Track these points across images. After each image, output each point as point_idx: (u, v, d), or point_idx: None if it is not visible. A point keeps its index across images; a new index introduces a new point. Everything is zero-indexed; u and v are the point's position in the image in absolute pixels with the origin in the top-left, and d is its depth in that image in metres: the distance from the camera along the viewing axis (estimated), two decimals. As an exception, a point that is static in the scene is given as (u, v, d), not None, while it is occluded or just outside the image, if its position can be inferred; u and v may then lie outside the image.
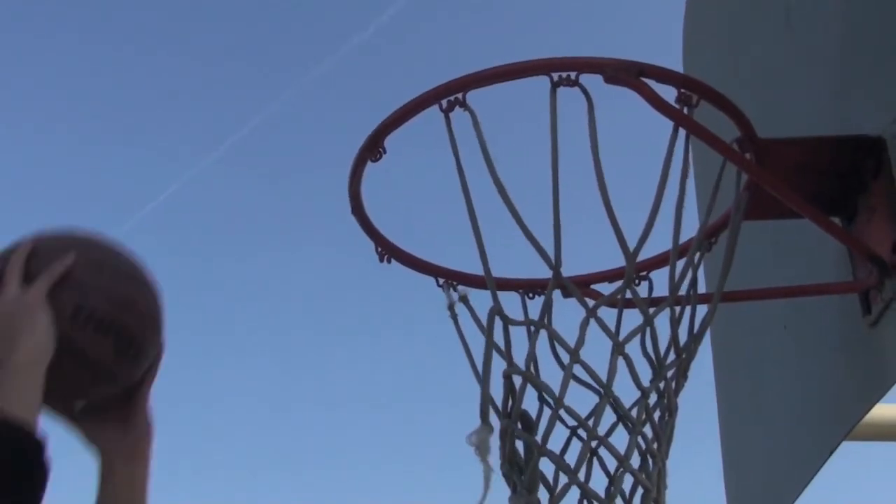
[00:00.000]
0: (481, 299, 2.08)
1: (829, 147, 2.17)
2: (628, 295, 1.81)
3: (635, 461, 1.68)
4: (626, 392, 1.70)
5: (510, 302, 2.04)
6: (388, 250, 2.08)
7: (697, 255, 1.95)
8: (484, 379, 1.65)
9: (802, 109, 2.49)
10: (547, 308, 1.73)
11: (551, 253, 1.73)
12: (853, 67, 2.29)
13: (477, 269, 2.13)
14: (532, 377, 1.68)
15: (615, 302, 1.81)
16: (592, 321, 1.72)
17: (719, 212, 2.09)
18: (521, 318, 1.86)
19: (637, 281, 2.14)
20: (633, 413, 1.70)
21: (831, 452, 2.34)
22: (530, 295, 2.08)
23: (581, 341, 1.64)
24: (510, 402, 1.68)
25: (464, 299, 2.03)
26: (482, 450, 1.58)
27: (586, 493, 1.64)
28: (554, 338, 1.73)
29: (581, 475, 1.67)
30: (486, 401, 1.65)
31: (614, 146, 1.83)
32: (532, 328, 1.77)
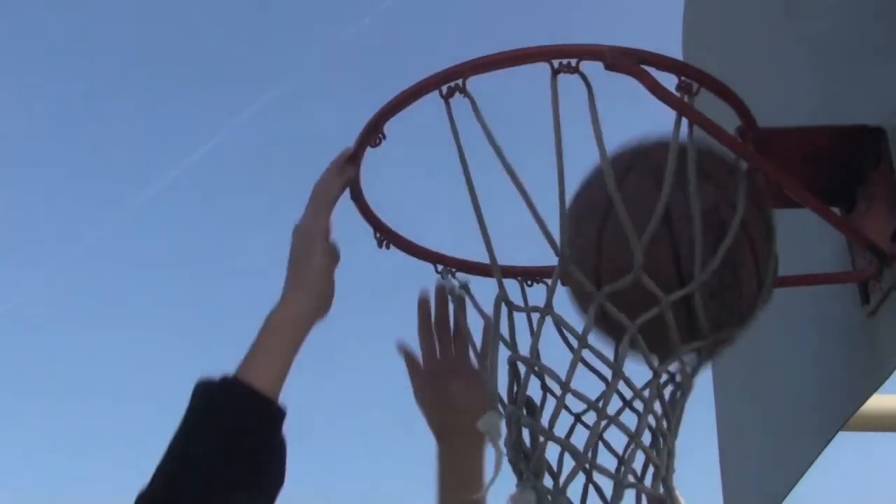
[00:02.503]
0: (478, 287, 2.08)
1: (829, 136, 2.17)
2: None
3: (645, 442, 1.67)
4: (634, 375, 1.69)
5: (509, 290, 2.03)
6: (387, 236, 2.08)
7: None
8: (492, 366, 1.64)
9: (802, 98, 2.49)
10: (552, 295, 1.72)
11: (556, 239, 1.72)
12: (854, 56, 2.29)
13: (475, 256, 2.13)
14: (538, 363, 1.66)
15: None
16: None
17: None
18: (520, 305, 1.85)
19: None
20: (646, 394, 1.67)
21: (828, 442, 2.35)
22: (529, 283, 2.07)
23: (589, 326, 1.61)
24: (514, 389, 1.67)
25: (465, 287, 2.02)
26: (493, 434, 1.58)
27: (595, 473, 1.63)
28: (560, 323, 1.72)
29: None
30: (495, 387, 1.64)
31: (613, 139, 1.83)
32: (531, 315, 1.76)
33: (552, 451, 1.66)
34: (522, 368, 1.69)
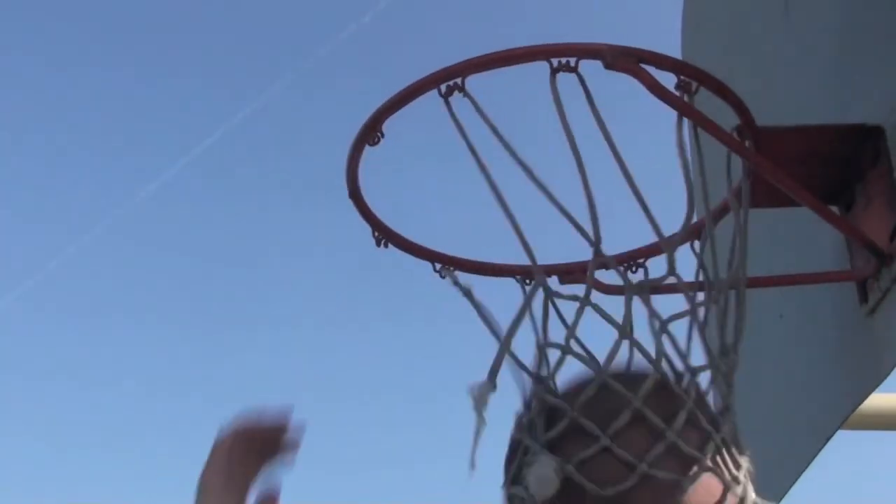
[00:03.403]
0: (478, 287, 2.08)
1: (828, 135, 2.17)
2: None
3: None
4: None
5: (503, 290, 2.03)
6: (385, 235, 2.08)
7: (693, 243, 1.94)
8: (506, 343, 1.62)
9: (801, 98, 2.49)
10: (590, 287, 1.70)
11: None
12: (852, 56, 2.29)
13: (472, 255, 2.13)
14: (573, 350, 1.65)
15: (657, 286, 1.78)
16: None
17: (717, 198, 2.09)
18: (516, 307, 1.83)
19: (634, 268, 2.14)
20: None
21: (827, 441, 2.35)
22: (527, 281, 2.07)
23: (628, 317, 1.60)
24: (540, 371, 1.66)
25: (468, 294, 2.00)
26: (480, 403, 1.56)
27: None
28: (598, 312, 1.70)
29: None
30: (500, 362, 1.62)
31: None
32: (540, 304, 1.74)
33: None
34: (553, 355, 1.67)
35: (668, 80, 1.86)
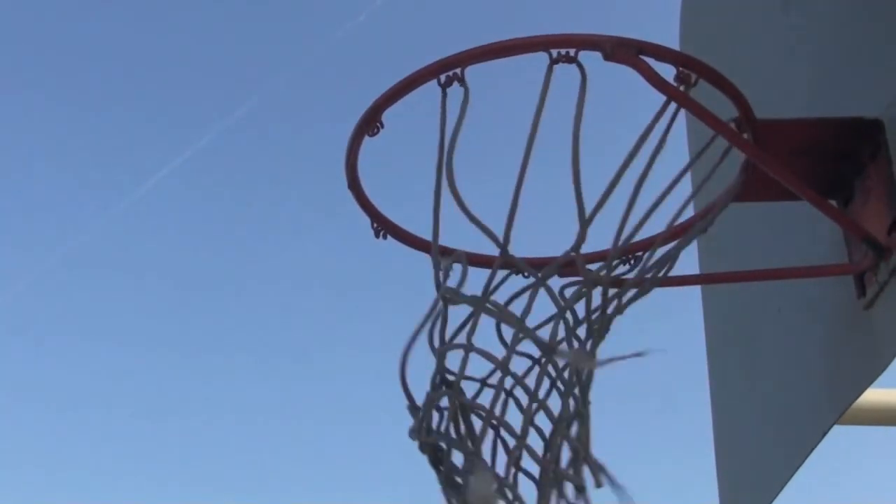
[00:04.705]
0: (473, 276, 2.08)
1: (827, 129, 2.17)
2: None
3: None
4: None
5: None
6: (384, 226, 2.08)
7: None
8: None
9: (801, 91, 2.49)
10: (491, 285, 1.74)
11: (499, 233, 1.74)
12: (852, 49, 2.29)
13: (471, 249, 2.13)
14: (476, 348, 1.69)
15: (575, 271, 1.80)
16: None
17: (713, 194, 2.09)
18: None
19: (632, 261, 2.15)
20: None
21: (823, 435, 2.35)
22: (525, 275, 2.07)
23: (528, 310, 1.65)
24: (439, 376, 1.69)
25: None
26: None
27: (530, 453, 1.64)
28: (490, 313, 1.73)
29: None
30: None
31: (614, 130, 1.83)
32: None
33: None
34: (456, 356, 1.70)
35: (667, 72, 1.86)
